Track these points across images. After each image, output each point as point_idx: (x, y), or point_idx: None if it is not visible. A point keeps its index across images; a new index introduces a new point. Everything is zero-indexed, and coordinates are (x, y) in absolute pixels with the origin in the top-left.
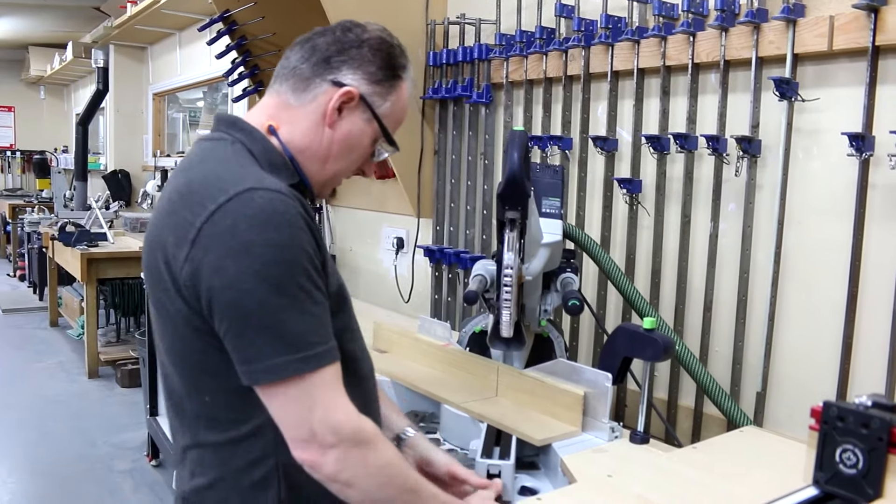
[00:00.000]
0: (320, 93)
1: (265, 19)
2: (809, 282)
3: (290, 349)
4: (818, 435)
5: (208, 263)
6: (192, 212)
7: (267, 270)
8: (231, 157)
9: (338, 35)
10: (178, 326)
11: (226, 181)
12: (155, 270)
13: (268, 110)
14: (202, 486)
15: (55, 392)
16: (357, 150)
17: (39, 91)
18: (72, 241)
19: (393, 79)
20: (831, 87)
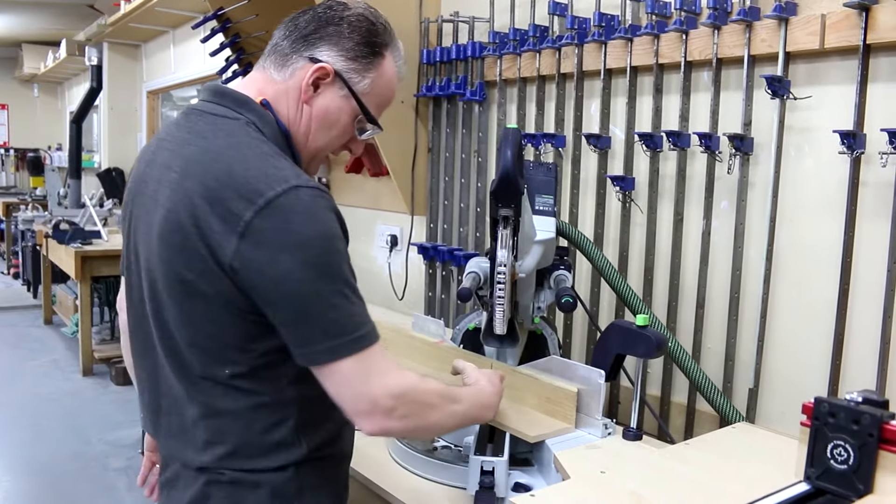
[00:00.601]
0: (298, 68)
1: (258, 17)
2: (801, 279)
3: (345, 331)
4: (809, 431)
5: (262, 257)
6: (237, 204)
7: (319, 261)
8: (264, 146)
9: (319, 13)
10: (213, 306)
11: (269, 175)
12: (185, 249)
13: (257, 85)
14: (224, 453)
15: (49, 390)
16: (336, 127)
17: (33, 89)
18: (66, 239)
19: (372, 55)
20: (823, 86)
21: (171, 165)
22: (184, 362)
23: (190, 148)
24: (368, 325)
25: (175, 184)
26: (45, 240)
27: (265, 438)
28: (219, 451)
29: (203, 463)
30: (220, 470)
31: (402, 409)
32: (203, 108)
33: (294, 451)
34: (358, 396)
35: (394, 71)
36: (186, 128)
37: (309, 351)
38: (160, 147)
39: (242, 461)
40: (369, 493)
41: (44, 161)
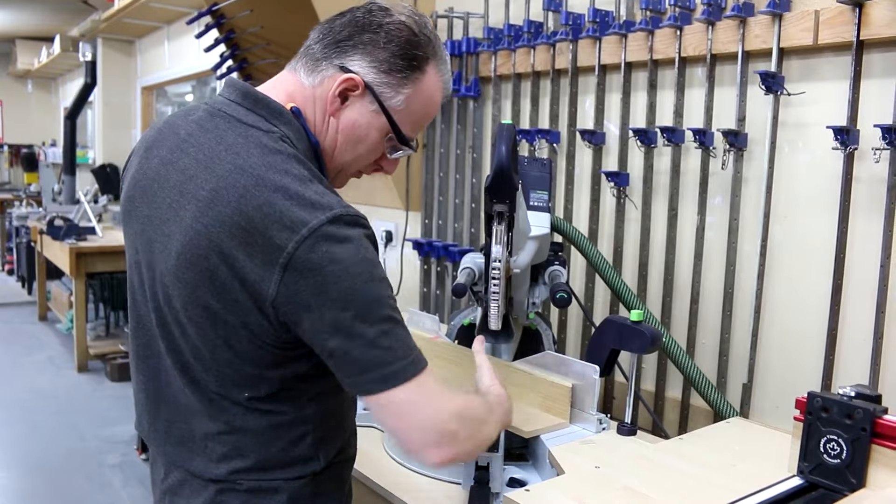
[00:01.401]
0: (327, 76)
1: (253, 13)
2: (795, 274)
3: (396, 358)
4: (803, 425)
5: (307, 289)
6: (281, 235)
7: (365, 289)
8: (301, 169)
9: (357, 17)
10: (239, 336)
11: (312, 203)
12: (214, 279)
13: (286, 88)
14: (243, 468)
15: (45, 386)
16: (364, 143)
17: (27, 84)
18: (60, 236)
19: (409, 69)
20: (817, 81)
21: (199, 180)
22: (197, 379)
23: (224, 165)
24: (416, 350)
25: (205, 204)
26: (40, 236)
27: (285, 454)
28: (236, 464)
29: (217, 476)
30: (237, 481)
31: (464, 430)
32: (233, 113)
33: (312, 464)
34: (421, 426)
35: (437, 87)
36: (215, 136)
37: (360, 381)
38: (182, 150)
39: (260, 473)
40: (366, 489)
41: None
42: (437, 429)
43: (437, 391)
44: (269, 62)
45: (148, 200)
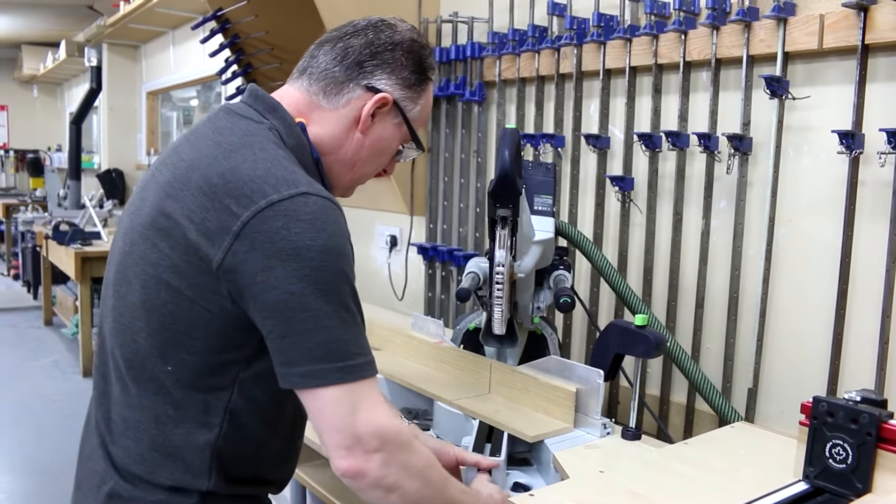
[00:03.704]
0: (354, 97)
1: (258, 18)
2: (800, 278)
3: (331, 357)
4: (808, 430)
5: (254, 260)
6: (238, 203)
7: (316, 276)
8: (279, 151)
9: (370, 37)
10: (189, 301)
11: (277, 178)
12: (164, 231)
13: (297, 106)
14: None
15: (50, 391)
16: (386, 154)
17: (32, 90)
18: (66, 240)
19: (423, 82)
20: (821, 86)
21: (182, 153)
22: (134, 354)
23: (205, 142)
24: (363, 357)
25: (181, 171)
26: (45, 241)
27: (173, 447)
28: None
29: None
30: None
31: (387, 456)
32: (233, 108)
33: (200, 479)
34: (340, 428)
35: (432, 92)
36: (211, 124)
37: (290, 371)
38: (184, 139)
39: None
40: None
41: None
42: (354, 435)
43: (370, 404)
44: (274, 67)
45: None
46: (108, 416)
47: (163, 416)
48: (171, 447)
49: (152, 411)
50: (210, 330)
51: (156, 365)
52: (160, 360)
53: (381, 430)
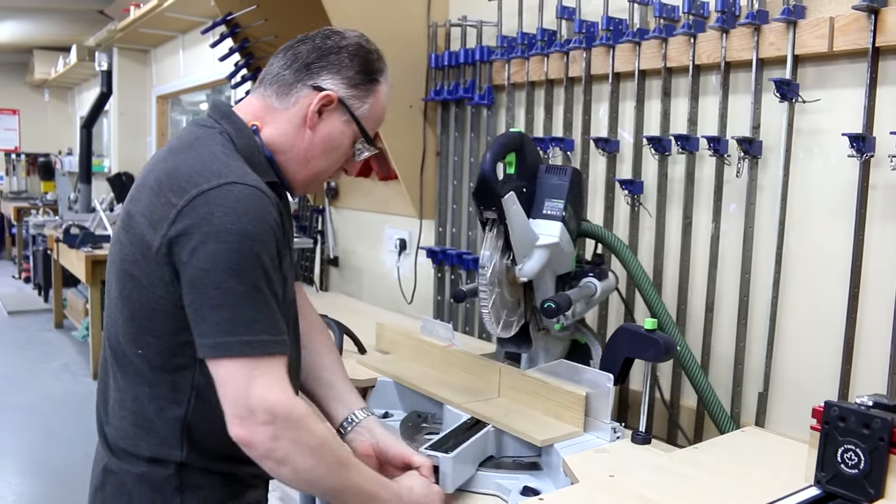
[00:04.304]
0: (301, 96)
1: (268, 22)
2: (811, 282)
3: (239, 331)
4: (819, 435)
5: (184, 242)
6: (176, 194)
7: (231, 257)
8: (218, 148)
9: (318, 43)
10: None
11: (210, 171)
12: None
13: (253, 111)
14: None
15: (60, 393)
16: (338, 150)
17: (44, 94)
18: (76, 243)
19: (370, 83)
20: (832, 88)
21: (149, 162)
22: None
23: (164, 149)
24: (268, 335)
25: (142, 176)
26: (56, 244)
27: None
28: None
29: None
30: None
31: (278, 430)
32: (198, 120)
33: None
34: (237, 400)
35: (386, 93)
36: (176, 135)
37: (202, 343)
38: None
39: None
40: None
41: (54, 166)
42: (247, 406)
43: (268, 380)
44: None
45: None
46: (105, 402)
47: (140, 395)
48: (148, 422)
49: (132, 391)
50: (166, 313)
51: (130, 349)
52: (133, 345)
53: (272, 405)
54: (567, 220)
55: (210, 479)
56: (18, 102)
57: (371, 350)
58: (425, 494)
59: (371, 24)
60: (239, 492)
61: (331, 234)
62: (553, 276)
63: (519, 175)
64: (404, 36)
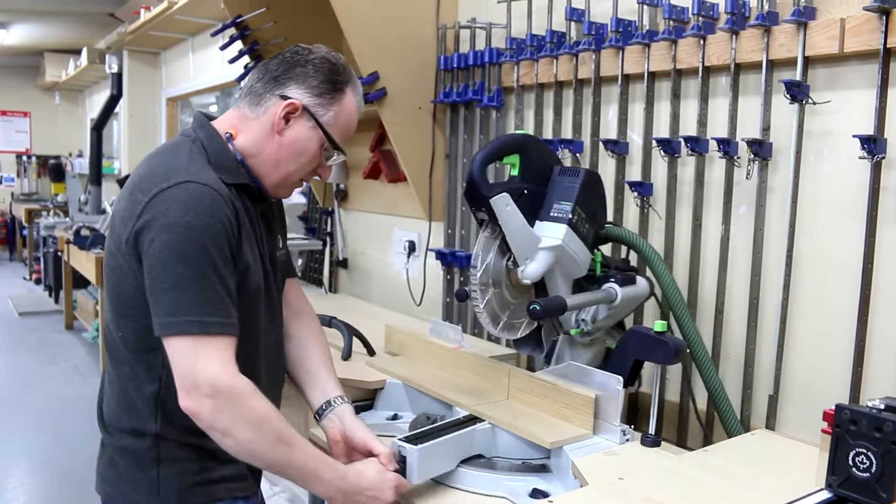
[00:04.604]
0: (270, 105)
1: (277, 24)
2: (821, 284)
3: (181, 312)
4: (831, 438)
5: (145, 234)
6: (143, 193)
7: (180, 246)
8: (185, 153)
9: (286, 56)
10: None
11: (172, 172)
12: (113, 235)
13: (230, 121)
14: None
15: (71, 394)
16: (305, 155)
17: (54, 96)
18: (86, 245)
19: (334, 92)
20: (843, 90)
21: (133, 174)
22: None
23: (147, 159)
24: (214, 316)
25: (124, 187)
26: (67, 245)
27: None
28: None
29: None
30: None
31: (219, 403)
32: (182, 130)
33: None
34: (185, 373)
35: (354, 105)
36: (161, 144)
37: (155, 322)
38: None
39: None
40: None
41: (65, 168)
42: (192, 380)
43: (212, 357)
44: None
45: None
46: (103, 385)
47: (122, 374)
48: (129, 399)
49: (117, 372)
50: (137, 299)
51: (115, 335)
52: (117, 330)
53: (214, 380)
54: (576, 222)
55: (185, 451)
56: (29, 105)
57: (380, 352)
58: (376, 481)
59: (380, 26)
60: (212, 466)
61: (340, 236)
62: (567, 279)
63: (523, 177)
64: (413, 38)
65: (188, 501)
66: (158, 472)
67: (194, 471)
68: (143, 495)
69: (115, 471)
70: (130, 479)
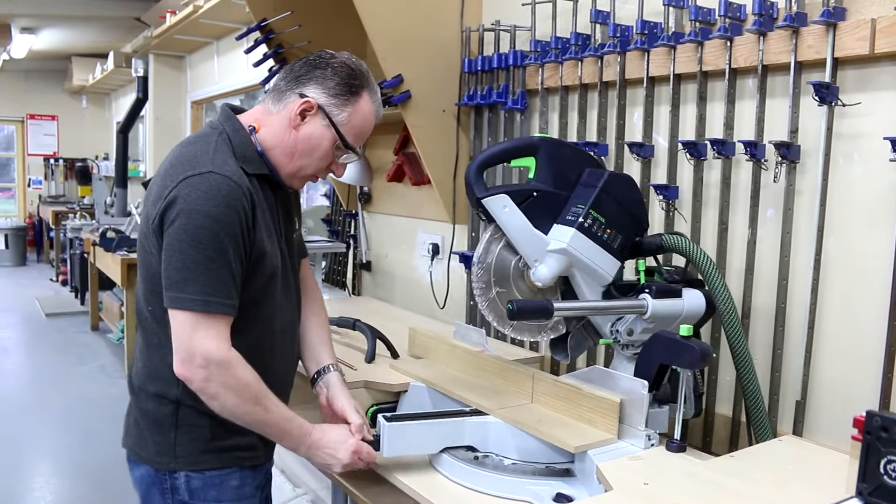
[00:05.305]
0: (289, 102)
1: (301, 28)
2: (850, 289)
3: (185, 290)
4: (861, 445)
5: (168, 215)
6: (170, 178)
7: (195, 231)
8: (212, 144)
9: (310, 59)
10: (146, 251)
11: (197, 161)
12: (144, 216)
13: (255, 115)
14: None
15: (96, 395)
16: (319, 150)
17: (82, 100)
18: (112, 247)
19: (350, 94)
20: (873, 91)
21: (165, 160)
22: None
23: (178, 147)
24: (216, 297)
25: (159, 169)
26: (93, 247)
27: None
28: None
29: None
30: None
31: (210, 373)
32: (210, 121)
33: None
34: (182, 344)
35: (370, 109)
36: (192, 133)
37: (165, 295)
38: None
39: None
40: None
41: (91, 170)
42: (189, 351)
43: (208, 332)
44: None
45: None
46: (134, 353)
47: (150, 344)
48: (153, 365)
49: (145, 341)
50: (160, 275)
51: (144, 308)
52: (146, 304)
53: (208, 353)
54: (590, 227)
55: (201, 419)
56: (57, 108)
57: (404, 355)
58: (335, 441)
59: (405, 29)
60: (224, 435)
61: (364, 239)
62: (592, 286)
63: (540, 179)
64: (438, 41)
65: (200, 464)
66: (176, 436)
67: (207, 438)
68: (161, 455)
69: (139, 430)
70: (151, 439)
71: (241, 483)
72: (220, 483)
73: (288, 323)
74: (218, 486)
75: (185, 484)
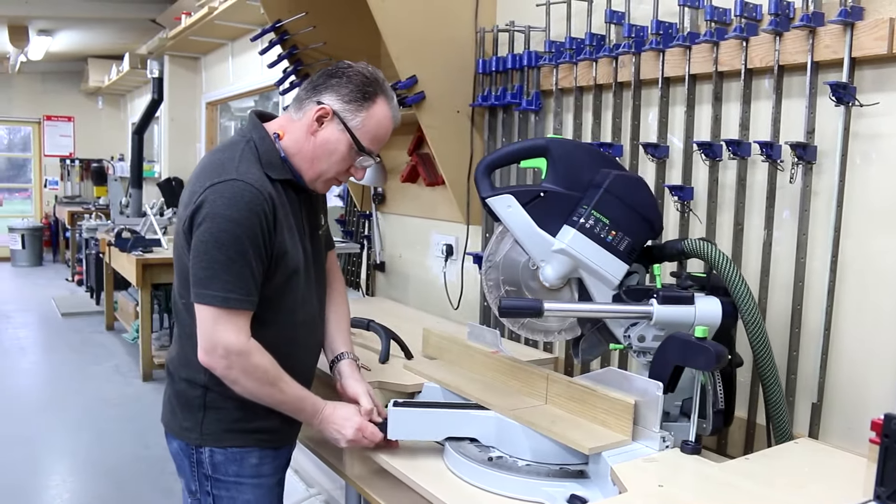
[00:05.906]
0: (308, 109)
1: (316, 29)
2: (867, 290)
3: (209, 286)
4: (879, 448)
5: (196, 218)
6: (200, 184)
7: (219, 234)
8: (238, 152)
9: (328, 70)
10: (178, 246)
11: (224, 168)
12: (178, 218)
13: (280, 123)
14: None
15: (111, 395)
16: (336, 154)
17: (97, 101)
18: (127, 247)
19: (364, 100)
20: (891, 91)
21: (198, 164)
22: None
23: (209, 153)
24: (236, 293)
25: (191, 175)
26: (108, 248)
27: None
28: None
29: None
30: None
31: (231, 362)
32: (239, 129)
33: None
34: (206, 336)
35: (385, 114)
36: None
37: (192, 291)
38: None
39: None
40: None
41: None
42: (212, 343)
43: (229, 326)
44: None
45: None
46: (170, 340)
47: (183, 333)
48: (185, 352)
49: (180, 331)
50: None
51: (178, 301)
52: (180, 298)
53: (228, 344)
54: (592, 228)
55: (227, 402)
56: (73, 109)
57: (418, 355)
58: (342, 418)
59: (419, 30)
60: (248, 417)
61: (377, 240)
62: (603, 288)
63: (552, 180)
64: (452, 41)
65: (224, 442)
66: (203, 416)
67: (232, 419)
68: (190, 432)
69: (172, 408)
70: (182, 417)
71: (259, 461)
72: (240, 459)
73: (310, 316)
74: (238, 462)
75: (209, 458)
